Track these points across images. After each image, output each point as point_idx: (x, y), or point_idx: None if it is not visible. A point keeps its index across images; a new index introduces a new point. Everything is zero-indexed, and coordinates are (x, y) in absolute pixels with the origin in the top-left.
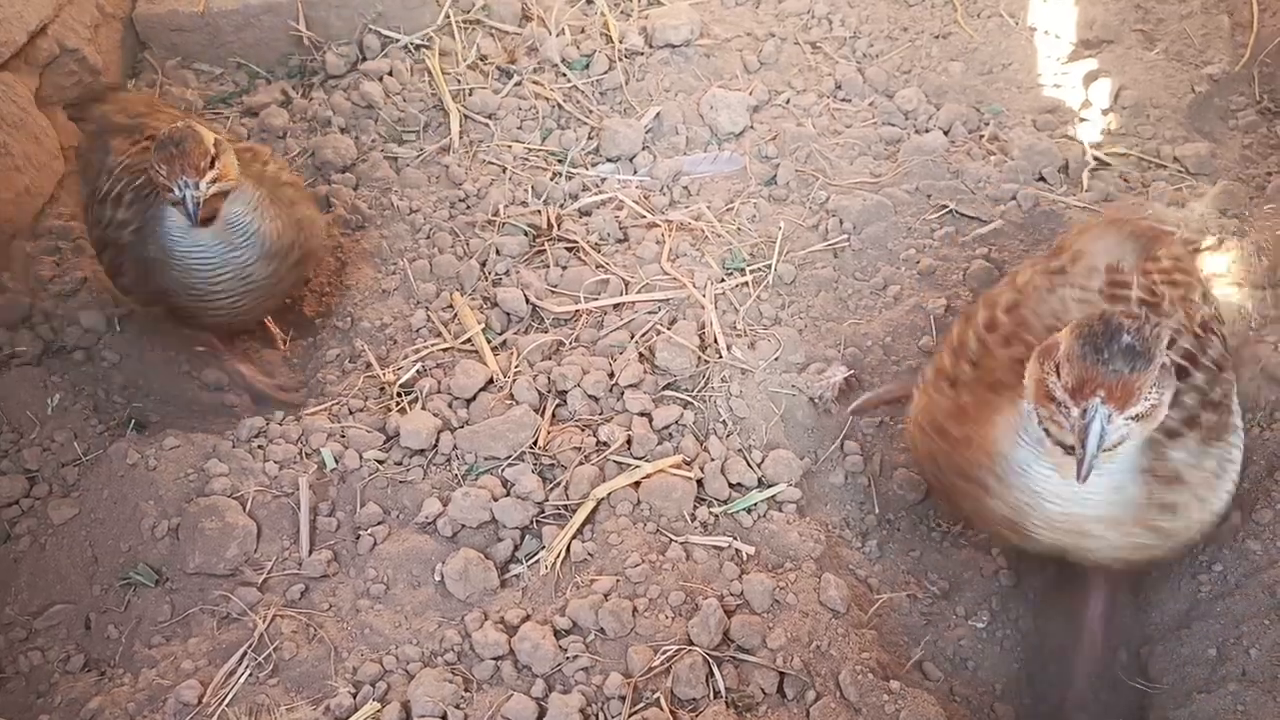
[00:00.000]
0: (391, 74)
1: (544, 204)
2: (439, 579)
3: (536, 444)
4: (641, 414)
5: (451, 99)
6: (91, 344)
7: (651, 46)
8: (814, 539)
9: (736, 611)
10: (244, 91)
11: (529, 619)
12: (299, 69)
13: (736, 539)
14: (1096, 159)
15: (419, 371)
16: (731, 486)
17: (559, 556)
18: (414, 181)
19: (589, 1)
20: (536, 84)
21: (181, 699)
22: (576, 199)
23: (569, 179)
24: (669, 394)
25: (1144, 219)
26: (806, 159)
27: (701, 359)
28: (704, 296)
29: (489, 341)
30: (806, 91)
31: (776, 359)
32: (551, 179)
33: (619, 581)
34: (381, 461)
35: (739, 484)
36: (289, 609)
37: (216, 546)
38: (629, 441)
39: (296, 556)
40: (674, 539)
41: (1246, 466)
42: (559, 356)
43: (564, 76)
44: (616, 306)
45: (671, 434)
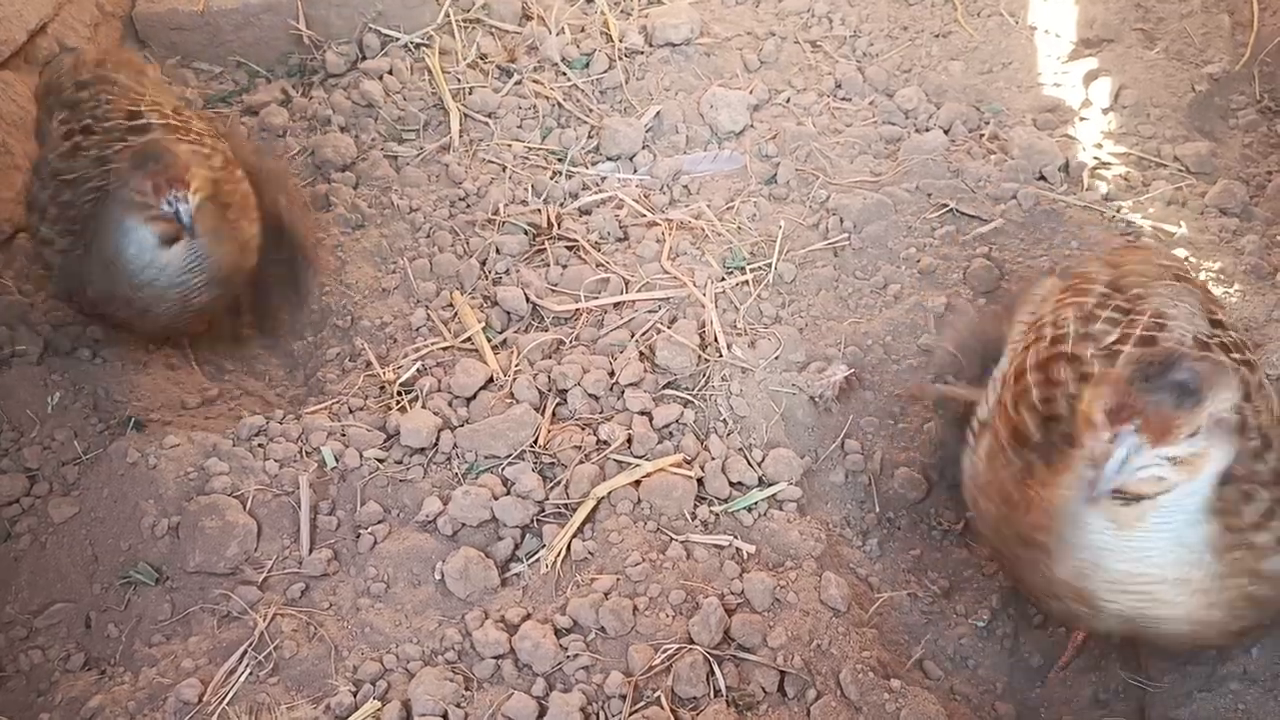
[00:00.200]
0: (391, 73)
1: (544, 203)
2: (439, 578)
3: (537, 443)
4: (642, 413)
5: (451, 98)
6: (91, 343)
7: (651, 45)
8: (814, 538)
9: (737, 610)
10: (244, 90)
11: (529, 618)
12: (299, 68)
13: (737, 538)
14: (1097, 158)
15: (419, 370)
16: (732, 485)
17: (559, 555)
18: (414, 180)
19: (589, 0)
20: (536, 83)
21: (182, 697)
22: (576, 198)
23: (569, 178)
24: (669, 393)
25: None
26: (807, 158)
27: (702, 358)
28: (704, 295)
29: (489, 340)
30: (807, 90)
31: (777, 358)
32: (551, 178)
33: (619, 580)
34: (382, 460)
35: (739, 483)
36: (289, 608)
37: (217, 545)
38: (629, 440)
39: (297, 555)
40: (674, 538)
41: None
42: (559, 355)
43: (564, 75)
44: (617, 305)
45: (672, 433)
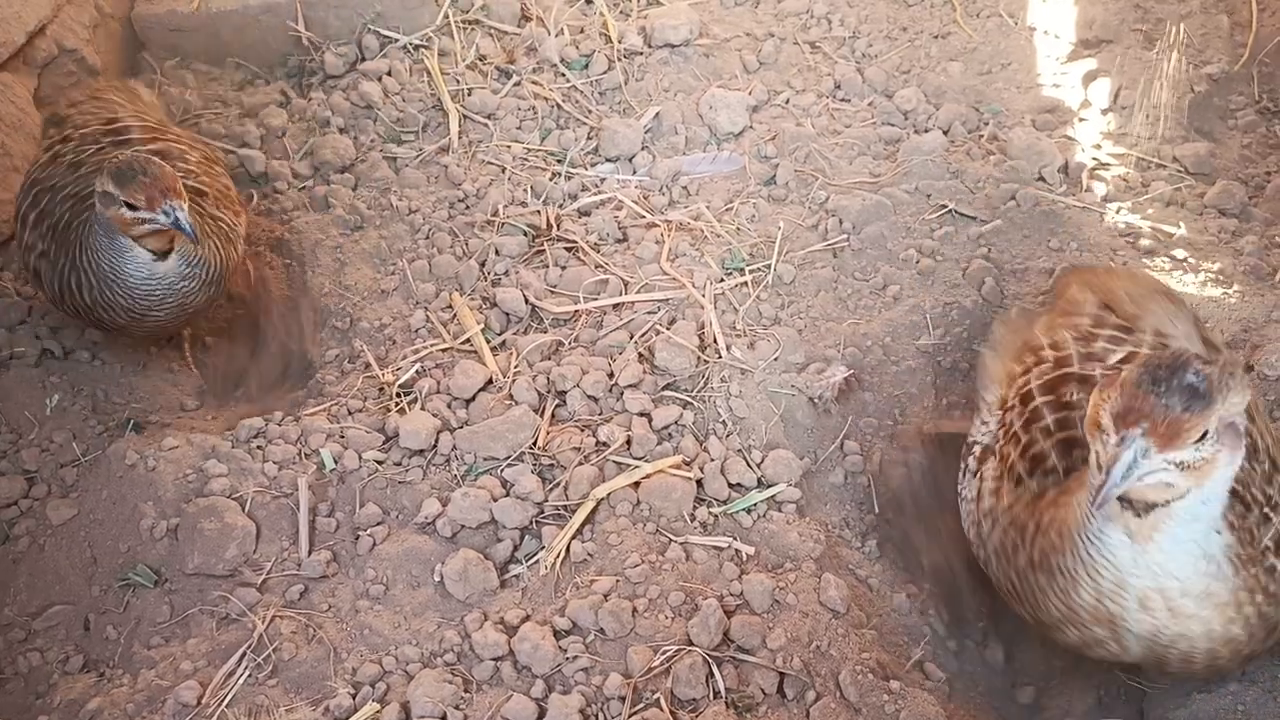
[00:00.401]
0: (390, 74)
1: (543, 204)
2: (438, 579)
3: (536, 444)
4: (641, 414)
5: (450, 99)
6: (90, 345)
7: (650, 46)
8: (814, 539)
9: (736, 612)
10: (242, 91)
11: (528, 619)
12: (298, 69)
13: (736, 539)
14: (1096, 159)
15: (418, 372)
16: (731, 487)
17: (558, 557)
18: (413, 182)
19: (588, 1)
20: (535, 84)
21: (181, 700)
22: (576, 199)
23: (568, 179)
24: (668, 394)
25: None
26: (806, 159)
27: (701, 359)
28: (703, 296)
29: (488, 342)
30: (806, 91)
31: (776, 359)
32: (551, 179)
33: (619, 582)
34: (381, 462)
35: (738, 484)
36: (288, 610)
37: (215, 547)
38: (628, 442)
39: (296, 557)
40: (674, 539)
41: None
42: (558, 357)
43: (563, 76)
44: (616, 306)
45: (671, 434)
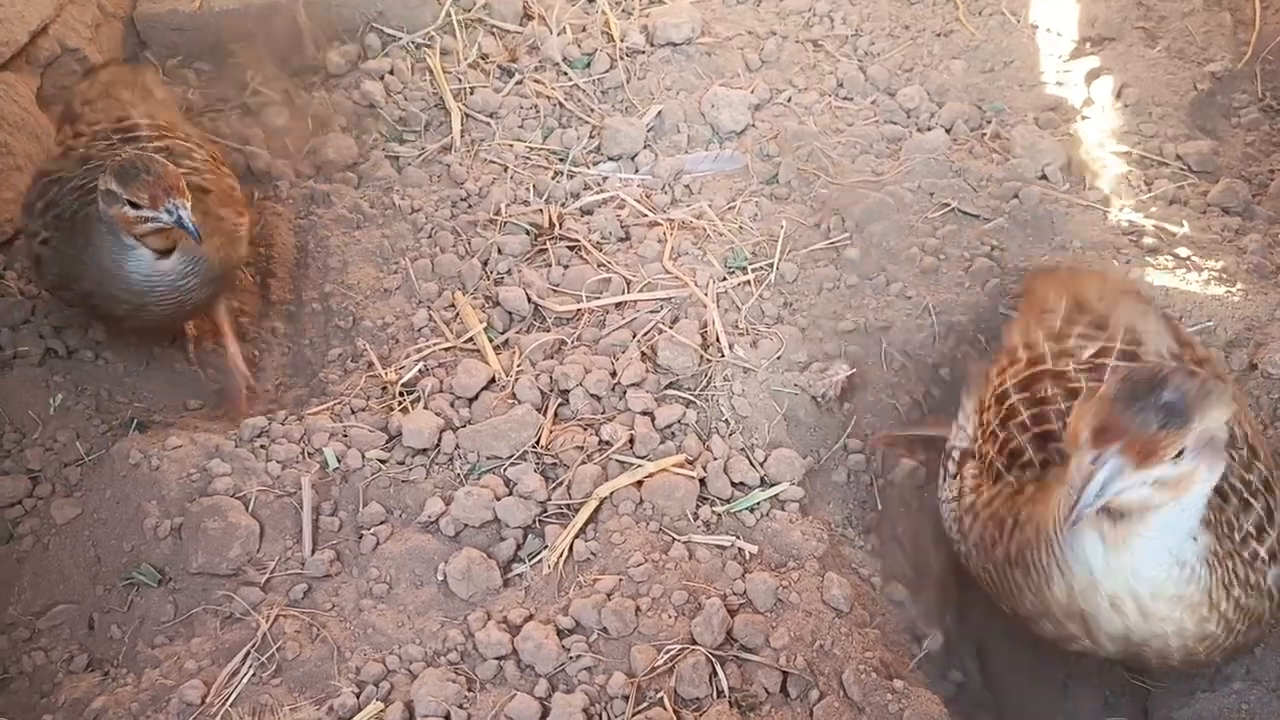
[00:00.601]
0: (393, 73)
1: (545, 203)
2: (442, 578)
3: (539, 443)
4: (644, 413)
5: (453, 98)
6: (94, 345)
7: (653, 45)
8: (817, 538)
9: (739, 611)
10: (245, 91)
11: (532, 618)
12: (300, 68)
13: (739, 538)
14: (1099, 157)
15: (421, 371)
16: (734, 485)
17: (562, 556)
18: (415, 180)
19: (590, 0)
20: (538, 83)
21: (185, 699)
22: (578, 198)
23: (570, 178)
24: (671, 393)
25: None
26: (808, 157)
27: (704, 358)
28: (706, 295)
29: (491, 341)
30: (808, 90)
31: (779, 357)
32: (553, 178)
33: (622, 581)
34: (384, 461)
35: (741, 483)
36: (292, 609)
37: (219, 546)
38: (631, 440)
39: (299, 556)
40: (677, 538)
41: None
42: (561, 355)
43: (565, 75)
44: (618, 305)
45: (674, 433)
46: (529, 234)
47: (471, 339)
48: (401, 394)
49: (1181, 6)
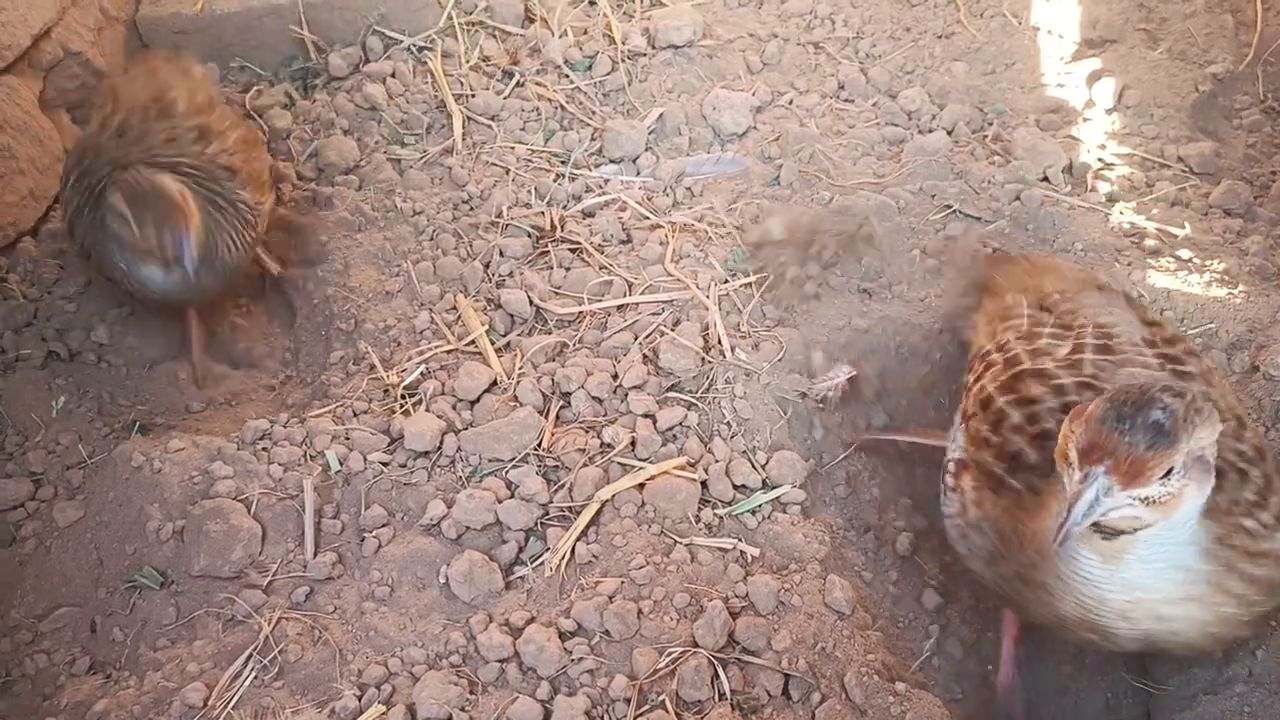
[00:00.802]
0: (394, 76)
1: (547, 205)
2: (443, 581)
3: (540, 446)
4: (645, 416)
5: (454, 101)
6: (96, 347)
7: (654, 47)
8: (819, 540)
9: (741, 613)
10: (247, 93)
11: (534, 621)
12: (302, 71)
13: (741, 540)
14: (1100, 159)
15: (423, 373)
16: (736, 488)
17: (563, 558)
18: (417, 183)
19: (591, 3)
20: (539, 85)
21: (187, 702)
22: (579, 200)
23: (572, 180)
24: (673, 395)
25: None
26: (810, 159)
27: (705, 360)
28: (707, 298)
29: (493, 343)
30: (809, 92)
31: (780, 360)
32: (554, 180)
33: (624, 583)
34: (386, 464)
35: (743, 485)
36: (294, 611)
37: (221, 549)
38: (633, 443)
39: (301, 559)
40: (678, 541)
41: None
42: (563, 358)
43: (567, 78)
44: (620, 308)
45: (676, 435)
46: (530, 236)
47: (473, 341)
48: (403, 397)
49: (1183, 8)
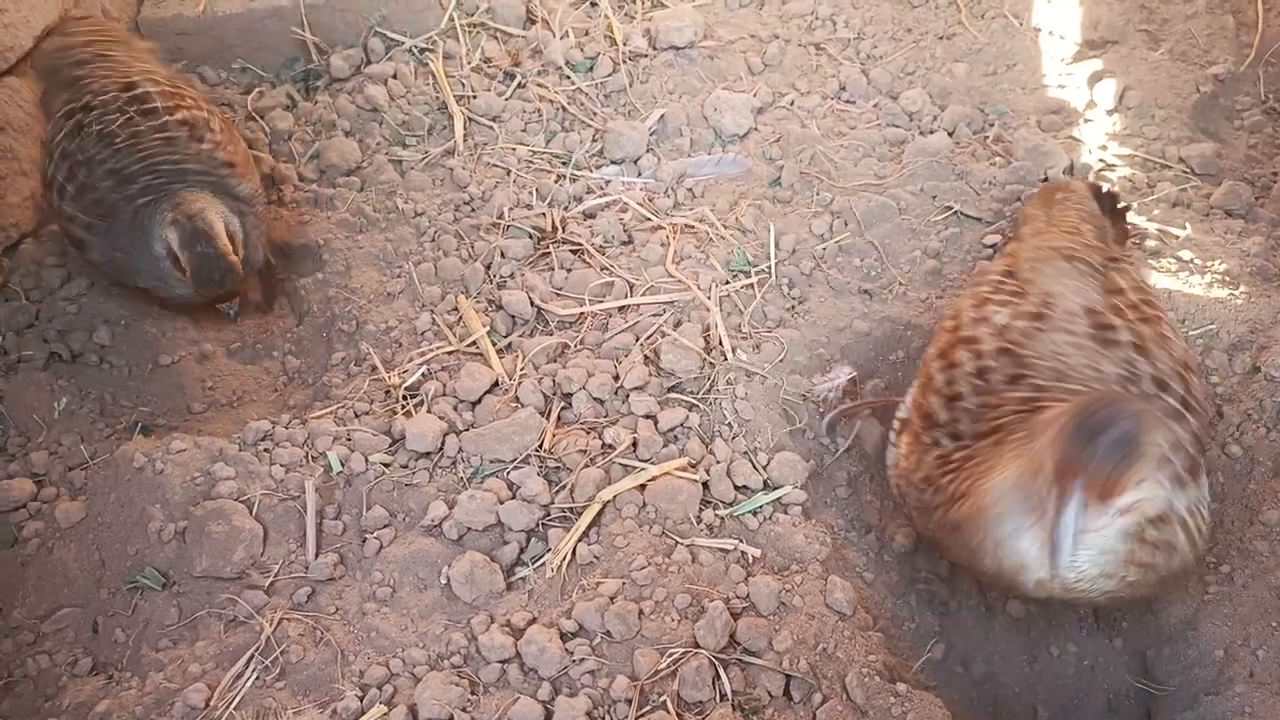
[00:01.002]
0: (396, 77)
1: (548, 206)
2: (445, 582)
3: (542, 447)
4: (647, 416)
5: (455, 102)
6: (98, 348)
7: (655, 49)
8: (820, 541)
9: (743, 614)
10: (249, 95)
11: (535, 622)
12: (304, 73)
13: (742, 541)
14: (1101, 160)
15: (424, 374)
16: (737, 489)
17: (565, 559)
18: (418, 184)
19: (593, 4)
20: (540, 86)
21: (189, 702)
22: (581, 201)
23: (573, 181)
24: (674, 396)
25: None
26: (811, 161)
27: (707, 361)
28: (709, 299)
29: (494, 344)
30: (810, 93)
31: (781, 360)
32: (556, 181)
33: (625, 584)
34: (387, 465)
35: (744, 486)
36: (296, 612)
37: (223, 550)
38: (634, 444)
39: (303, 560)
40: (680, 541)
41: (1253, 468)
42: (564, 359)
43: (568, 79)
44: (621, 309)
45: (677, 436)
46: (532, 238)
47: (474, 342)
48: (405, 398)
49: (1184, 9)
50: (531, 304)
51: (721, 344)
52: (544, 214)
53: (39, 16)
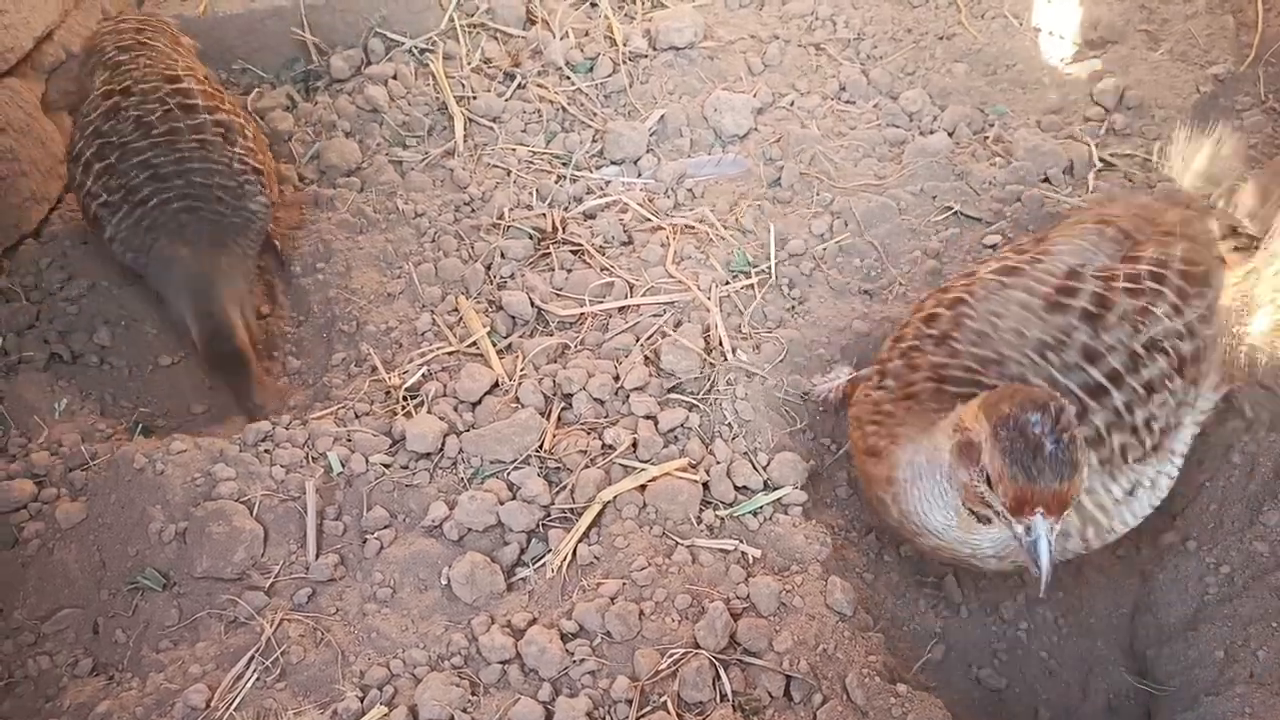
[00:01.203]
0: (396, 78)
1: (548, 207)
2: (445, 583)
3: (542, 447)
4: (647, 417)
5: (456, 102)
6: (98, 349)
7: (655, 49)
8: (820, 541)
9: (743, 614)
10: (249, 95)
11: (535, 622)
12: (304, 73)
13: (742, 542)
14: (1101, 160)
15: (425, 375)
16: (737, 489)
17: (565, 560)
18: (419, 185)
19: (593, 4)
20: (540, 87)
21: (189, 703)
22: (581, 202)
23: (573, 182)
24: (674, 397)
25: (1146, 204)
26: (811, 161)
27: (707, 361)
28: (709, 299)
29: (494, 345)
30: (810, 94)
31: (781, 361)
32: (556, 182)
33: (625, 585)
34: (388, 465)
35: (745, 487)
36: (296, 613)
37: (224, 550)
38: (635, 444)
39: (303, 560)
40: (680, 542)
41: (1254, 470)
42: (564, 360)
43: (568, 79)
44: (621, 309)
45: (677, 437)
46: (532, 238)
47: (475, 343)
48: (405, 398)
49: (1184, 9)
50: (532, 304)
51: (721, 344)
52: (544, 214)
53: (39, 18)
